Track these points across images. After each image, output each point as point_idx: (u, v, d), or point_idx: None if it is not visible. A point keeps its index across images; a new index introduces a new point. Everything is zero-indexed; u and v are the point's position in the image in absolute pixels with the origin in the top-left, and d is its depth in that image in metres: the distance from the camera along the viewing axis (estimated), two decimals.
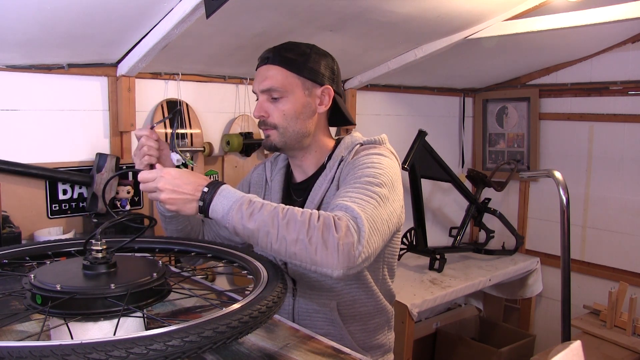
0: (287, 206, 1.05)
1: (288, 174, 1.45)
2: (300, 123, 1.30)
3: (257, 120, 1.34)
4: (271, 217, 1.01)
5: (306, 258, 0.99)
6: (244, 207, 1.03)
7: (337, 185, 1.28)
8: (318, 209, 1.30)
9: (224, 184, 1.10)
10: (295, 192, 1.41)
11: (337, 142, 1.39)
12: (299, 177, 1.42)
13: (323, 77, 1.31)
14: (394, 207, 1.17)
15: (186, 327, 0.71)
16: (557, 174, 2.05)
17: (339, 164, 1.31)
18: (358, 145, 1.33)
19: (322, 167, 1.36)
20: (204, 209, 1.07)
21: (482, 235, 3.30)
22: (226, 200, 1.05)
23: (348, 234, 1.00)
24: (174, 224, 1.42)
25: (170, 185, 1.08)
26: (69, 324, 0.81)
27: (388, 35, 2.21)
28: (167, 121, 2.19)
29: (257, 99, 1.33)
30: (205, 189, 1.07)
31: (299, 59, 1.29)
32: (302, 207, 1.32)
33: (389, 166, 1.23)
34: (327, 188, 1.30)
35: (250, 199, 1.05)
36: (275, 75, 1.28)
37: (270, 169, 1.49)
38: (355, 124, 1.48)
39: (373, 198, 1.11)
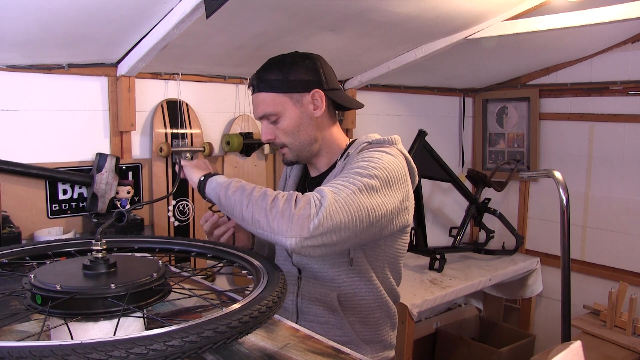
0: (264, 187, 1.16)
1: (305, 169, 1.52)
2: (303, 134, 1.35)
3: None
4: (250, 190, 1.14)
5: (266, 226, 1.08)
6: (232, 183, 1.19)
7: None
8: None
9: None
10: (309, 187, 1.46)
11: (352, 141, 1.42)
12: (313, 173, 1.47)
13: (308, 83, 1.33)
14: (383, 201, 1.16)
15: (186, 327, 0.71)
16: (557, 174, 2.05)
17: (345, 160, 1.34)
18: (366, 144, 1.34)
19: (335, 164, 1.39)
20: (205, 177, 1.27)
21: (482, 235, 3.30)
22: (222, 179, 1.24)
23: (306, 207, 1.06)
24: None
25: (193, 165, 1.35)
26: (69, 324, 0.81)
27: (388, 35, 2.21)
28: (169, 130, 2.20)
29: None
30: (211, 173, 1.30)
31: (278, 77, 1.32)
32: None
33: (389, 162, 1.22)
34: None
35: (237, 180, 1.22)
36: (264, 101, 1.34)
37: (291, 166, 1.58)
38: (363, 105, 1.49)
39: (354, 185, 1.13)
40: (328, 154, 1.40)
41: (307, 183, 1.48)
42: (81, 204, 2.02)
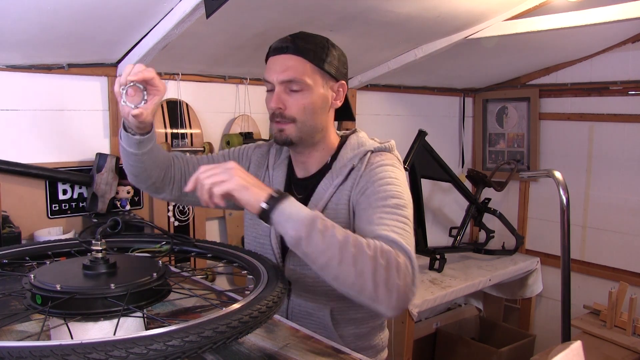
0: (353, 234, 1.03)
1: (290, 168, 1.39)
2: (317, 118, 1.26)
3: (269, 113, 1.27)
4: (343, 240, 0.99)
5: (366, 292, 0.99)
6: (318, 222, 1.00)
7: (348, 197, 1.24)
8: (322, 211, 1.24)
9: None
10: (296, 188, 1.35)
11: (342, 141, 1.34)
12: (300, 173, 1.36)
13: (340, 72, 1.28)
14: (412, 225, 1.16)
15: (186, 327, 0.71)
16: (557, 174, 2.05)
17: (349, 172, 1.26)
18: (369, 153, 1.28)
19: (326, 167, 1.31)
20: (271, 202, 1.01)
21: (482, 235, 3.30)
22: (297, 209, 1.02)
23: (407, 276, 1.00)
24: (132, 159, 1.26)
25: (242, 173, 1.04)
26: (69, 324, 0.81)
27: (388, 35, 2.21)
28: (167, 122, 2.20)
29: (268, 90, 1.26)
30: (275, 194, 1.03)
31: (319, 51, 1.23)
32: (305, 204, 1.18)
33: (403, 180, 1.22)
34: (332, 193, 1.26)
35: (319, 215, 1.02)
36: (297, 66, 1.21)
37: (275, 156, 1.42)
38: (354, 119, 1.47)
39: (407, 225, 1.11)
40: (323, 152, 1.32)
41: (293, 184, 1.36)
42: (81, 204, 2.02)
